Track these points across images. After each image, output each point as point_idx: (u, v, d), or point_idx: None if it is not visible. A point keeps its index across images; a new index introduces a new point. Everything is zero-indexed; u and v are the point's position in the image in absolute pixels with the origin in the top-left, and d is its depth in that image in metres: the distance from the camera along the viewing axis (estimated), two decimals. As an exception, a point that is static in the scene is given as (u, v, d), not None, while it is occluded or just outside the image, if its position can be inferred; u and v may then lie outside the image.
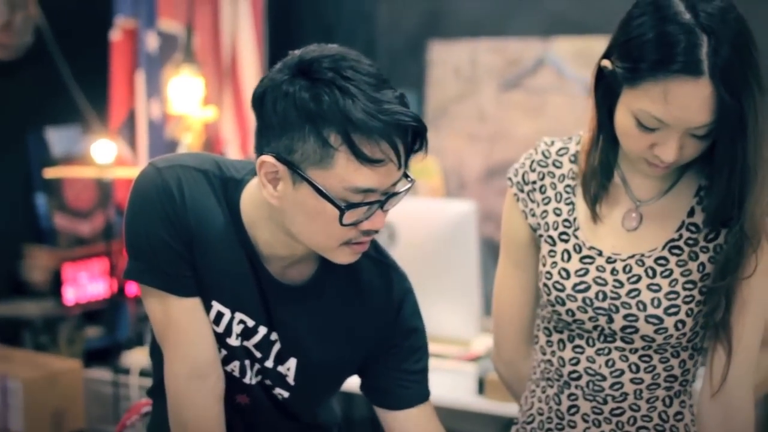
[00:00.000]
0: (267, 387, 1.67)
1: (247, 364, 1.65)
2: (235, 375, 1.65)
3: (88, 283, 4.49)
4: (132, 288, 4.23)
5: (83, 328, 4.42)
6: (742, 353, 1.64)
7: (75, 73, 4.53)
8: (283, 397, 1.68)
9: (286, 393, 1.68)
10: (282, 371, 1.66)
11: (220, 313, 1.61)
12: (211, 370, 1.60)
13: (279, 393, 1.68)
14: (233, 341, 1.62)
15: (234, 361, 1.64)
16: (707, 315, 1.64)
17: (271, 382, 1.67)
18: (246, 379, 1.65)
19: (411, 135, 1.46)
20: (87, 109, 4.59)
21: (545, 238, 1.73)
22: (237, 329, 1.62)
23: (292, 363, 1.65)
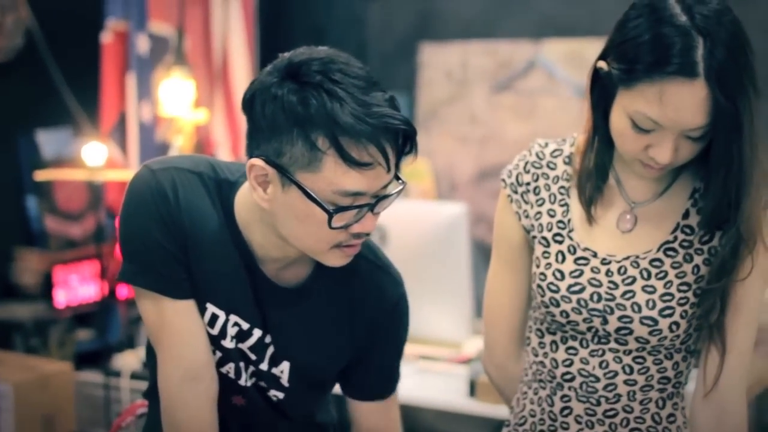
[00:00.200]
0: (262, 389, 1.67)
1: (242, 366, 1.64)
2: (231, 377, 1.65)
3: (78, 286, 4.47)
4: (123, 291, 4.22)
5: (74, 330, 4.39)
6: (735, 355, 1.64)
7: (66, 76, 4.51)
8: (278, 398, 1.68)
9: (281, 394, 1.68)
10: (276, 373, 1.66)
11: (214, 316, 1.60)
12: (205, 372, 1.60)
13: (274, 394, 1.68)
14: (228, 343, 1.62)
15: (229, 363, 1.64)
16: (701, 317, 1.65)
17: (266, 383, 1.67)
18: (241, 381, 1.65)
19: (401, 138, 1.46)
20: (78, 112, 4.57)
21: (539, 239, 1.73)
22: (231, 332, 1.61)
23: (285, 366, 1.65)
